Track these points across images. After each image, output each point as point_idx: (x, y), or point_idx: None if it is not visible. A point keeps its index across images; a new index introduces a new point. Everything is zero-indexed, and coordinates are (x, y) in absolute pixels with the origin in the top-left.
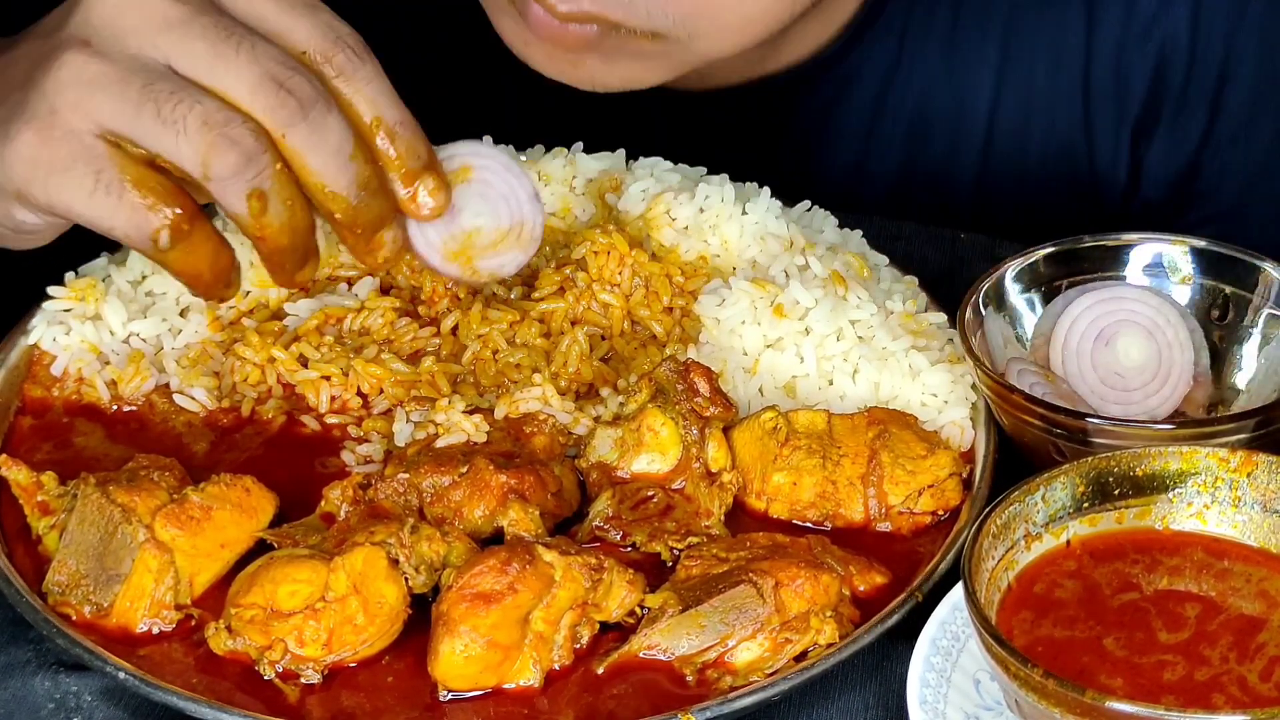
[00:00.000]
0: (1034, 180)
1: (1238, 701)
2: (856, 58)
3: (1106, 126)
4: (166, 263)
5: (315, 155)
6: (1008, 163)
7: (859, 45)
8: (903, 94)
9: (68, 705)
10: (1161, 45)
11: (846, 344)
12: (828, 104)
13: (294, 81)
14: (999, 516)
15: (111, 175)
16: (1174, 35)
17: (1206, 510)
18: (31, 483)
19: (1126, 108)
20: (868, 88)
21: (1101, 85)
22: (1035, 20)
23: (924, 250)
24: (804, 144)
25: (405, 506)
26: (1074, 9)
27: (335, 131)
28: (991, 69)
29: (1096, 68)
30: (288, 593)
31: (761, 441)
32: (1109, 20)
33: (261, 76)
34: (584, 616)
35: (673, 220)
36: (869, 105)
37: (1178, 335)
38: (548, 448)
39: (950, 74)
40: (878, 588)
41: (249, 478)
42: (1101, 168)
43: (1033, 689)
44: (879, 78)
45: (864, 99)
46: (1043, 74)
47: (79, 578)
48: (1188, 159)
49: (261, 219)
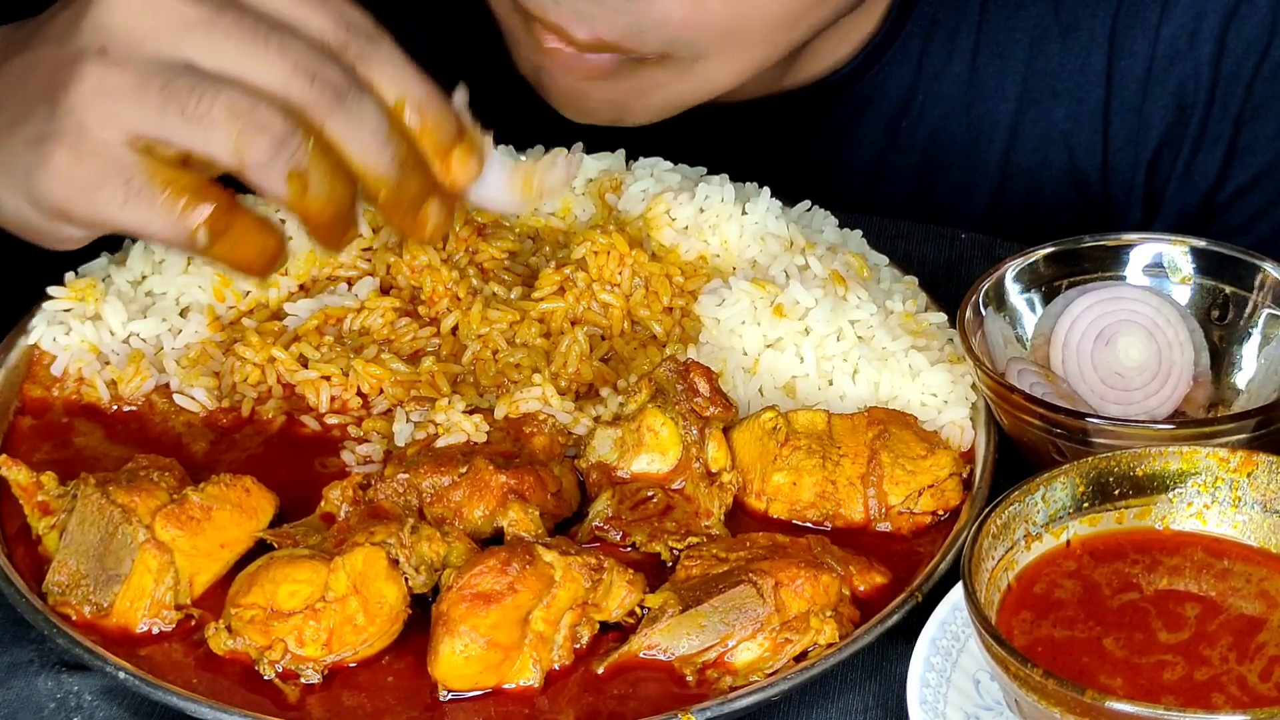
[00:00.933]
0: (1047, 212)
1: (1237, 701)
2: (871, 81)
3: (1124, 162)
4: (214, 257)
5: (356, 140)
6: (1022, 194)
7: (876, 66)
8: (917, 121)
9: (69, 705)
10: (1183, 83)
11: (846, 344)
12: (843, 125)
13: (325, 70)
14: (999, 516)
15: (141, 182)
16: (1196, 73)
17: (1206, 510)
18: (31, 483)
19: (1144, 143)
20: (883, 112)
21: (1121, 120)
22: (1059, 52)
23: (924, 250)
24: (818, 163)
25: (405, 507)
26: (1098, 42)
27: (372, 114)
28: (1011, 100)
29: (1117, 102)
30: (288, 593)
31: (761, 441)
32: (1134, 53)
33: (294, 69)
34: (584, 616)
35: (673, 220)
36: (882, 130)
37: (1178, 335)
38: (548, 448)
39: (969, 104)
40: (878, 588)
41: (249, 478)
42: (1116, 202)
43: (1033, 689)
44: (894, 103)
45: (878, 123)
46: (1063, 107)
47: (79, 578)
48: (1202, 197)
49: (304, 199)
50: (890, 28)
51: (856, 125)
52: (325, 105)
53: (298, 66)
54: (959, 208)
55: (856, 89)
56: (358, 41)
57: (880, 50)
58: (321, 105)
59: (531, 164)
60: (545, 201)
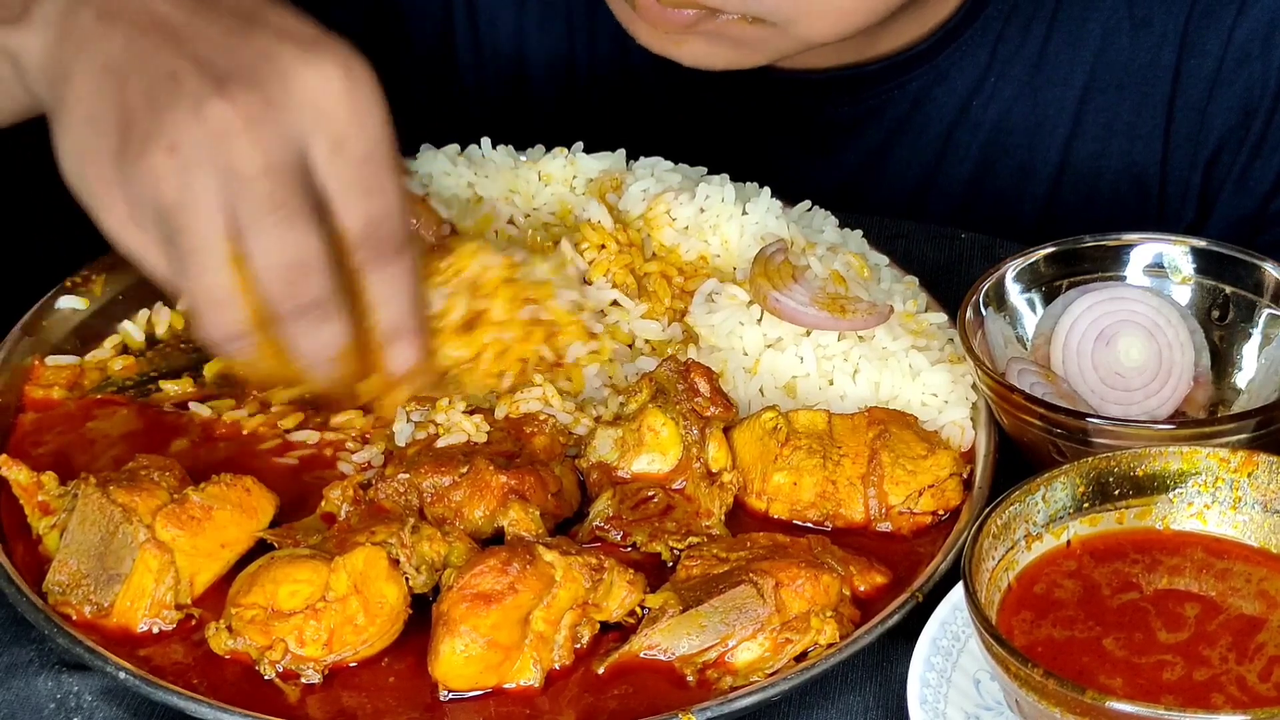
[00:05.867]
0: (1102, 207)
1: (1237, 701)
2: (946, 60)
3: (1182, 160)
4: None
5: (303, 348)
6: (1079, 187)
7: (951, 46)
8: (986, 104)
9: (69, 705)
10: (1250, 86)
11: (846, 344)
12: (914, 101)
13: (307, 282)
14: (999, 516)
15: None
16: (1265, 78)
17: (1207, 510)
18: (31, 483)
19: (1204, 142)
20: (954, 92)
21: (1184, 117)
22: (1129, 46)
23: (924, 250)
24: (888, 139)
25: (406, 506)
26: (1169, 39)
27: (327, 336)
28: (1076, 91)
29: (1181, 99)
30: (288, 593)
31: (762, 441)
32: (1205, 52)
33: (279, 264)
34: (584, 616)
35: (673, 220)
36: (953, 110)
37: (1178, 335)
38: (548, 448)
39: (1035, 91)
40: (878, 588)
41: (249, 478)
42: (1171, 201)
43: (1033, 689)
44: (966, 84)
45: (949, 103)
46: (1128, 100)
47: (79, 577)
48: (1257, 204)
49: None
50: (970, 8)
51: (929, 101)
52: (288, 309)
53: (286, 262)
54: (1019, 191)
55: (933, 66)
56: (372, 250)
57: (959, 29)
58: (284, 307)
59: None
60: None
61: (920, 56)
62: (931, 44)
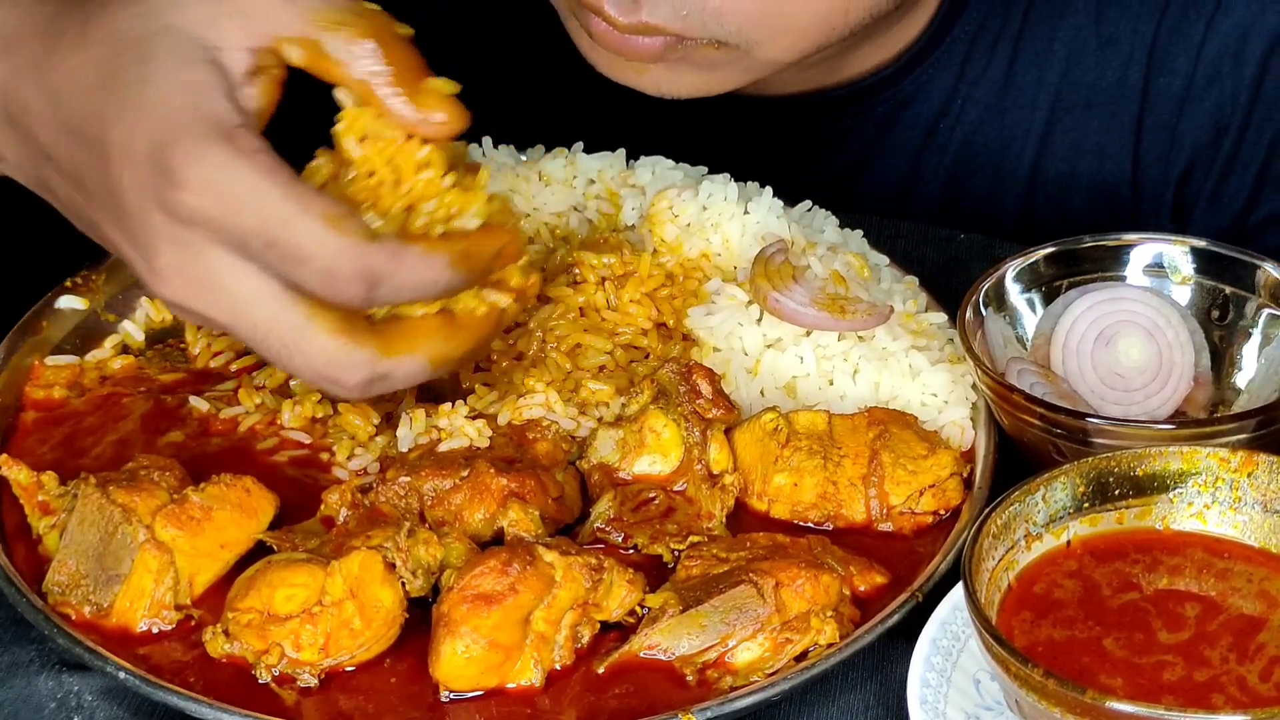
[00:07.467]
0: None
1: (1237, 702)
2: (912, 83)
3: (1154, 179)
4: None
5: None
6: (1050, 206)
7: (919, 69)
8: (953, 126)
9: (69, 705)
10: (1220, 104)
11: (846, 344)
12: (881, 125)
13: (334, 390)
14: (999, 516)
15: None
16: (1235, 95)
17: (1207, 510)
18: (31, 483)
19: (1175, 160)
20: (921, 115)
21: (1154, 135)
22: (1096, 66)
23: (923, 250)
24: (854, 163)
25: (406, 510)
26: (1137, 57)
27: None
28: (1044, 112)
29: (1150, 118)
30: (284, 597)
31: (762, 443)
32: (1173, 70)
33: (309, 379)
34: (585, 616)
35: (675, 217)
36: (920, 133)
37: (1178, 336)
38: (550, 453)
39: (1002, 113)
40: (878, 588)
41: (249, 478)
42: (1144, 216)
43: (1033, 689)
44: (933, 106)
45: (916, 126)
46: (1096, 119)
47: (79, 577)
48: (1232, 220)
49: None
50: (936, 32)
51: (896, 125)
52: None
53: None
54: (989, 212)
55: (899, 89)
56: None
57: (925, 52)
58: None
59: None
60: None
61: (887, 80)
62: (898, 68)
